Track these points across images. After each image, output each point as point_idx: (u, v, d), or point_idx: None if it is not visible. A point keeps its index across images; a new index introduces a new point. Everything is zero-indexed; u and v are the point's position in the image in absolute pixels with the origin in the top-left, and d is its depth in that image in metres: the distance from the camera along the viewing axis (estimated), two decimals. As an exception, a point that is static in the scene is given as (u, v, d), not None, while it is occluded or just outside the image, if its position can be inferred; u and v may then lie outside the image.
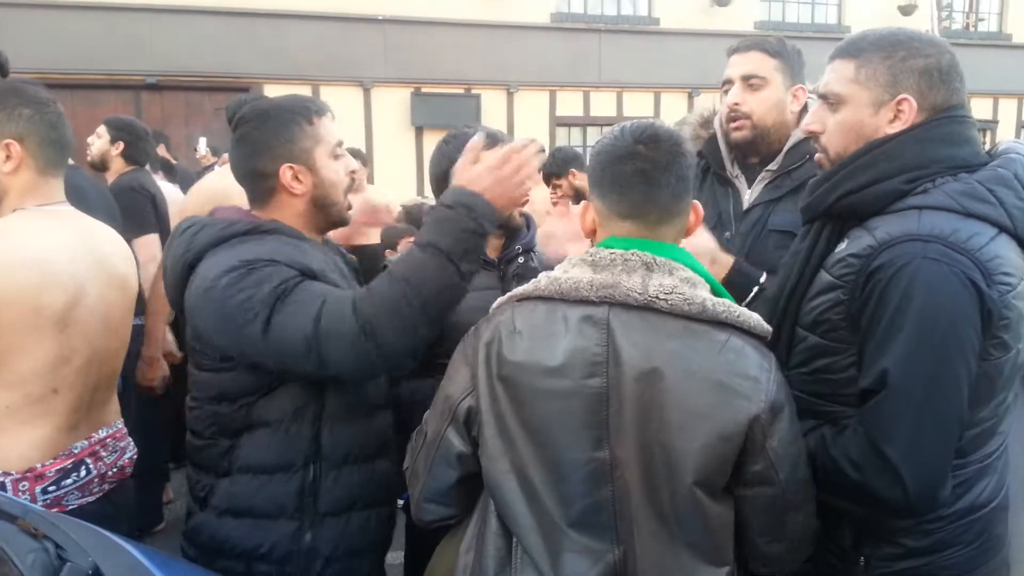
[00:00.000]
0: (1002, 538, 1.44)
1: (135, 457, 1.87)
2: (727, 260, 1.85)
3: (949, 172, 1.35)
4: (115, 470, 1.78)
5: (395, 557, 2.20)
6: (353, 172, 1.75)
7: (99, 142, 3.68)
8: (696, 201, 1.38)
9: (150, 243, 3.35)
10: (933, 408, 1.26)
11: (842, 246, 1.41)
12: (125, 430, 1.87)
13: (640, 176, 1.29)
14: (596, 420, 1.25)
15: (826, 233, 1.45)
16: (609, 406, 1.25)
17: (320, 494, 1.61)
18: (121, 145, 3.64)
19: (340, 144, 1.70)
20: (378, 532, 1.74)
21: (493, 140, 1.94)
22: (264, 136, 1.60)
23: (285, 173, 1.60)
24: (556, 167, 4.38)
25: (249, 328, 1.44)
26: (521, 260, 2.04)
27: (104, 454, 1.74)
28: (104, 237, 1.81)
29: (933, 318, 1.24)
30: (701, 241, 1.80)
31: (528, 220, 2.14)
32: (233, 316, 1.46)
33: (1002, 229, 1.30)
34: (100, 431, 1.75)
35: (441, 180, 2.04)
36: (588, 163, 1.39)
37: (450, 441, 1.35)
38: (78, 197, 2.71)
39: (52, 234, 1.67)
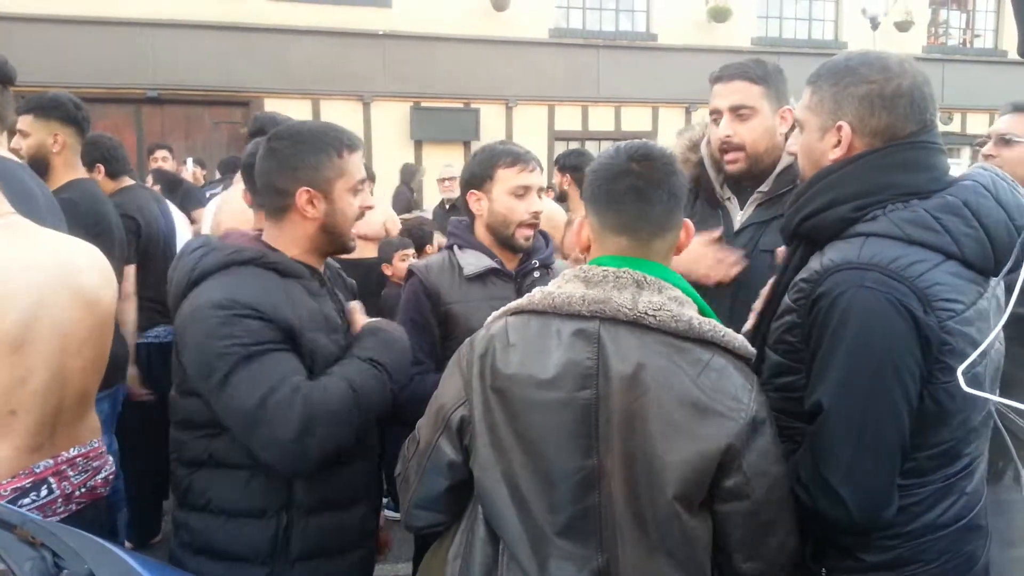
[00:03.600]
0: (973, 556, 1.44)
1: (111, 476, 1.78)
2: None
3: (901, 199, 1.36)
4: (84, 490, 1.68)
5: (400, 568, 2.22)
6: (369, 208, 1.79)
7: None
8: (687, 219, 1.42)
9: (127, 274, 3.30)
10: (870, 432, 1.28)
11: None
12: (102, 448, 1.77)
13: (633, 193, 1.33)
14: (586, 430, 1.28)
15: (798, 254, 1.49)
16: (599, 417, 1.28)
17: (292, 540, 1.63)
18: (101, 167, 3.56)
19: (363, 181, 1.75)
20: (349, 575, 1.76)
21: (515, 158, 2.08)
22: (292, 156, 1.66)
23: (301, 196, 1.65)
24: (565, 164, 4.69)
25: (212, 376, 1.50)
26: (537, 274, 2.12)
27: (72, 474, 1.65)
28: (70, 251, 1.69)
29: (867, 345, 1.27)
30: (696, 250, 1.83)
31: (545, 237, 2.21)
32: (205, 358, 1.51)
33: (948, 256, 1.31)
34: (70, 450, 1.66)
35: (463, 189, 2.17)
36: (585, 181, 1.42)
37: (442, 450, 1.39)
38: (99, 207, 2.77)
39: (1, 250, 1.56)
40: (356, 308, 1.81)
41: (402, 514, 1.47)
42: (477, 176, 2.11)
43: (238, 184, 3.46)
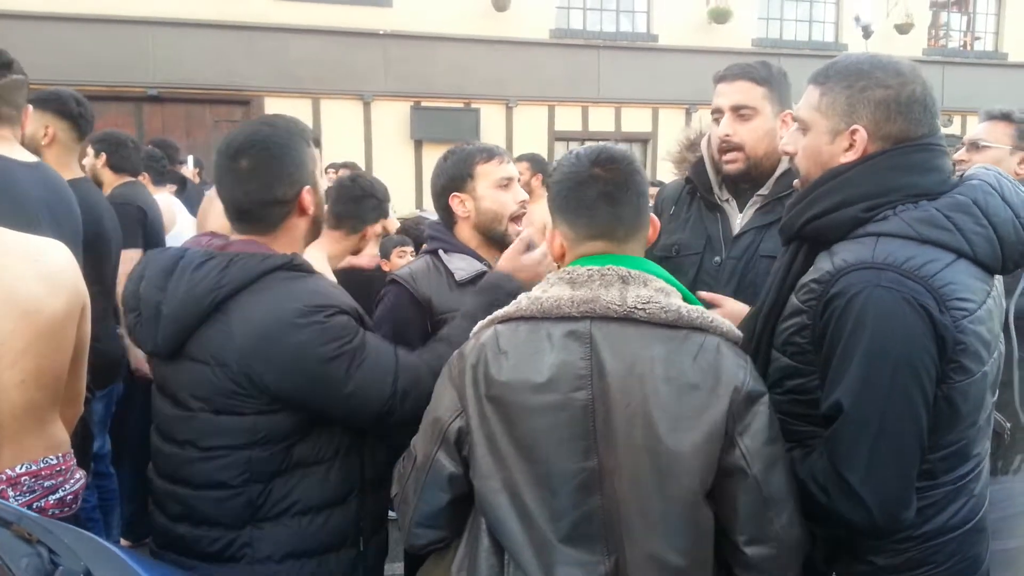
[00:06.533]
0: (979, 559, 1.45)
1: (70, 498, 1.63)
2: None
3: (910, 200, 1.36)
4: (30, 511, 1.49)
5: (396, 568, 2.20)
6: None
7: (87, 160, 3.67)
8: (653, 215, 1.44)
9: (132, 257, 3.26)
10: (889, 433, 1.28)
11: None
12: (63, 465, 1.62)
13: (604, 198, 1.35)
14: (584, 431, 1.28)
15: (800, 255, 1.48)
16: (596, 417, 1.28)
17: (365, 517, 1.67)
18: (104, 156, 3.63)
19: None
20: (387, 542, 1.83)
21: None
22: (282, 163, 1.60)
23: (305, 196, 1.63)
24: None
25: (329, 382, 1.51)
26: None
27: (12, 494, 1.52)
28: (9, 258, 1.54)
29: (885, 344, 1.27)
30: (735, 308, 1.80)
31: None
32: (313, 367, 1.49)
33: (960, 255, 1.32)
34: (16, 468, 1.53)
35: (440, 195, 2.09)
36: (549, 191, 1.43)
37: (441, 463, 1.37)
38: (91, 211, 2.74)
39: None
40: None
41: (403, 534, 1.45)
42: (456, 178, 2.05)
43: None
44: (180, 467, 1.59)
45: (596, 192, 1.35)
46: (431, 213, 6.50)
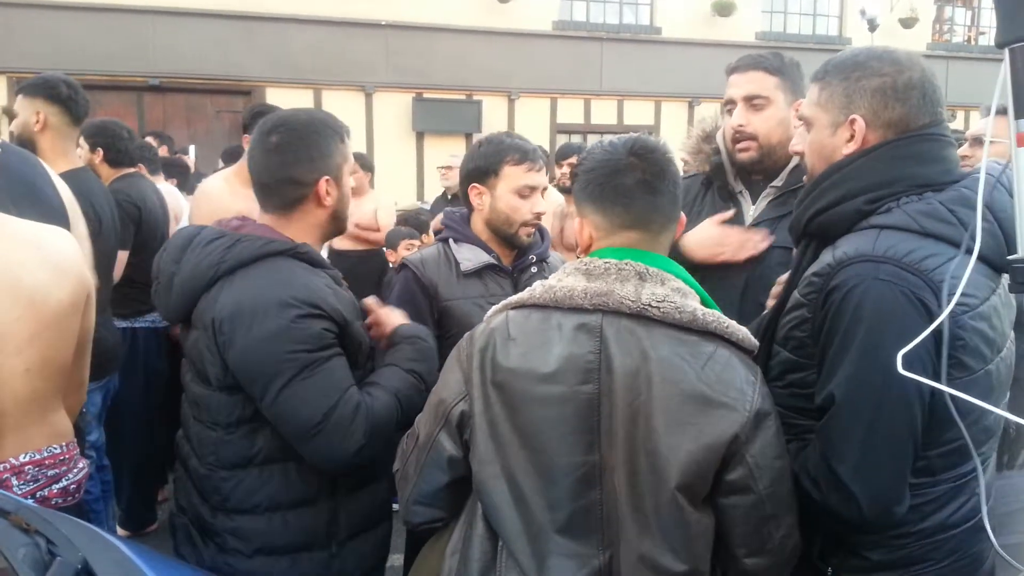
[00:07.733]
0: (980, 556, 1.43)
1: (74, 487, 1.63)
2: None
3: (915, 191, 1.35)
4: (31, 500, 1.51)
5: (395, 559, 2.22)
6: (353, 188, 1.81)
7: (83, 153, 3.59)
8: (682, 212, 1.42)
9: (121, 259, 3.25)
10: (881, 426, 1.27)
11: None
12: (66, 455, 1.61)
13: (643, 186, 1.33)
14: (588, 425, 1.27)
15: (809, 252, 1.47)
16: (600, 411, 1.26)
17: (340, 520, 1.67)
18: (100, 152, 3.57)
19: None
20: (383, 547, 1.81)
21: (524, 155, 2.05)
22: (307, 146, 1.66)
23: (322, 185, 1.66)
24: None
25: (272, 380, 1.51)
26: (535, 270, 2.10)
27: (16, 483, 1.52)
28: (14, 245, 1.52)
29: (880, 338, 1.25)
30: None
31: (541, 232, 2.18)
32: (265, 360, 1.51)
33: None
34: (20, 456, 1.53)
35: (464, 180, 2.12)
36: (578, 180, 1.40)
37: (442, 445, 1.37)
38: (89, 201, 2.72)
39: None
40: (374, 304, 1.85)
41: (401, 510, 1.46)
42: (482, 169, 2.05)
43: (217, 175, 3.44)
44: (190, 430, 1.70)
45: (634, 180, 1.32)
46: (430, 206, 6.48)
